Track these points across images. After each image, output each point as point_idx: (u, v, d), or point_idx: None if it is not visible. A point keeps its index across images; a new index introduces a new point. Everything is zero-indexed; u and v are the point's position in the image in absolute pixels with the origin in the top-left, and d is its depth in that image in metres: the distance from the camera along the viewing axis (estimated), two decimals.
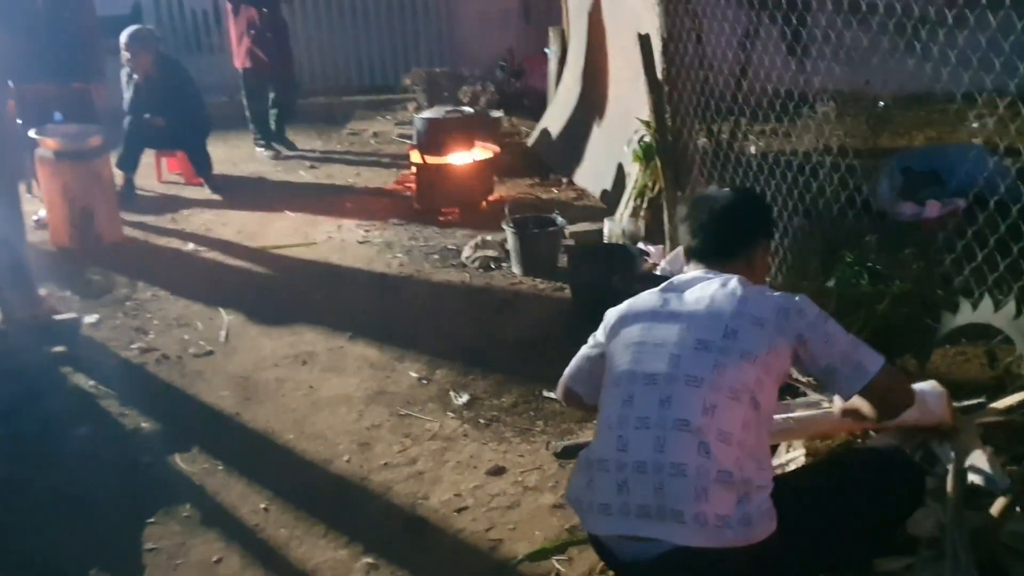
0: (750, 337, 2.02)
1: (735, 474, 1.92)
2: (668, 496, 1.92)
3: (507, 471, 3.12)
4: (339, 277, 5.09)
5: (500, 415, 3.50)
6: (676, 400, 2.00)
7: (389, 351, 4.09)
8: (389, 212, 6.16)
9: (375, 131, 8.67)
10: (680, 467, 1.92)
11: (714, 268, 2.22)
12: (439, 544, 2.78)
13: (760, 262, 2.32)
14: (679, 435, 1.95)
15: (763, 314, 2.04)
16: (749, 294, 2.09)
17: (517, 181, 6.88)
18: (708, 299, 2.11)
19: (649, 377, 2.06)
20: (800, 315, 2.06)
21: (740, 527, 1.90)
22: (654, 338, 2.12)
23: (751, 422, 2.00)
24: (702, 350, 2.03)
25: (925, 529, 2.45)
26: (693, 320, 2.09)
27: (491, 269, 5.07)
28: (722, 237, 2.26)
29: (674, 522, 1.91)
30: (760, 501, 1.94)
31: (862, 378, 2.05)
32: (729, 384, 1.99)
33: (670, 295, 2.20)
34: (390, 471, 3.15)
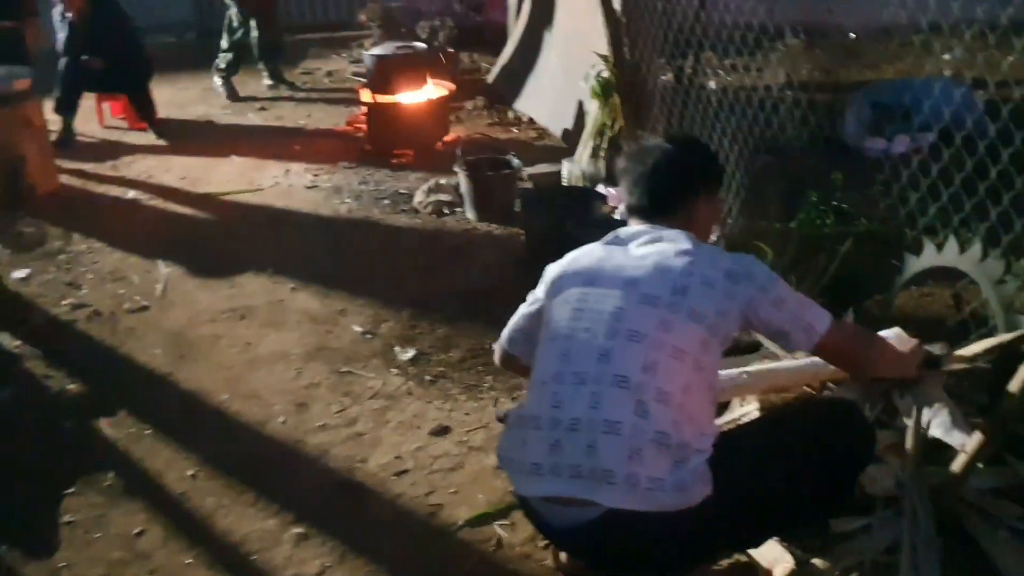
0: (699, 298, 1.93)
1: (672, 436, 1.81)
2: (600, 455, 1.81)
3: (452, 431, 2.96)
4: (284, 225, 4.87)
5: (447, 371, 3.33)
6: (616, 355, 1.88)
7: (333, 303, 3.90)
8: (339, 155, 5.90)
9: (329, 70, 8.35)
10: (615, 425, 1.82)
11: (657, 224, 2.11)
12: (375, 511, 2.62)
13: (704, 215, 2.20)
14: (616, 392, 1.85)
15: (713, 275, 1.96)
16: (699, 253, 2.00)
17: (476, 120, 6.64)
18: (656, 254, 2.01)
19: (589, 332, 1.94)
20: (749, 279, 1.97)
21: (674, 491, 1.80)
22: (596, 292, 2.00)
23: (693, 384, 1.89)
24: (647, 305, 1.92)
25: (883, 487, 2.34)
26: (640, 274, 1.98)
27: (444, 214, 4.86)
28: (659, 192, 2.14)
29: (604, 483, 1.80)
30: (696, 465, 1.82)
31: (812, 337, 1.99)
32: (673, 343, 1.88)
33: (615, 248, 2.10)
34: (327, 433, 2.98)
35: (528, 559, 2.39)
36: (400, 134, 5.79)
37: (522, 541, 2.44)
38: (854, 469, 2.09)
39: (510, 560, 2.39)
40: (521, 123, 6.54)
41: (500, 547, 2.44)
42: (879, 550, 2.24)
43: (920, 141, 4.99)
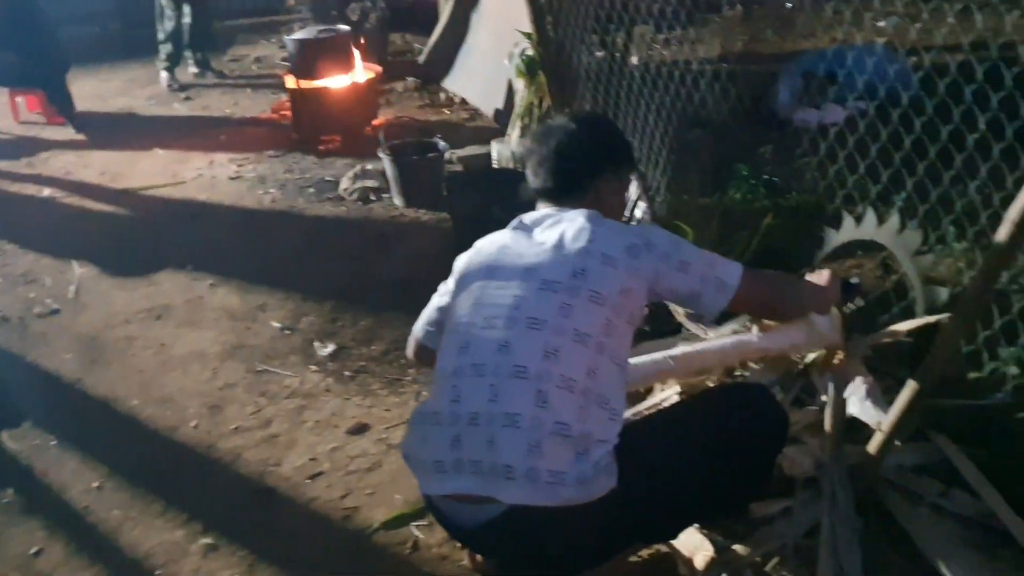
0: (599, 277, 1.85)
1: (573, 426, 1.74)
2: (499, 450, 1.73)
3: (370, 428, 2.87)
4: (206, 218, 4.72)
5: (368, 365, 3.23)
6: (515, 344, 1.81)
7: (253, 299, 3.77)
8: (265, 144, 5.75)
9: (258, 56, 8.16)
10: (514, 418, 1.74)
11: (564, 206, 2.03)
12: (288, 517, 2.52)
13: (611, 196, 2.12)
14: (515, 383, 1.77)
15: (613, 252, 1.88)
16: (599, 231, 1.92)
17: (406, 103, 6.51)
18: (557, 237, 1.93)
19: (488, 321, 1.87)
20: (650, 249, 1.91)
21: (576, 485, 1.71)
22: (498, 281, 1.92)
23: (598, 369, 1.80)
24: (547, 291, 1.85)
25: (802, 468, 2.28)
26: (540, 260, 1.90)
27: (371, 201, 4.74)
28: (563, 174, 2.06)
29: (504, 478, 1.73)
30: (599, 456, 1.75)
31: (727, 292, 1.94)
32: (574, 327, 1.81)
33: (519, 235, 2.01)
34: (241, 436, 2.87)
35: (445, 560, 2.31)
36: (326, 120, 5.64)
37: (439, 542, 2.36)
38: (766, 453, 2.03)
39: (426, 562, 2.31)
40: (453, 104, 6.42)
41: (416, 549, 2.35)
42: (800, 533, 2.19)
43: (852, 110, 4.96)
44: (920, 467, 2.32)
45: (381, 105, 6.27)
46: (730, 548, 2.19)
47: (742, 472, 1.98)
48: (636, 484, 1.79)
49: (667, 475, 1.86)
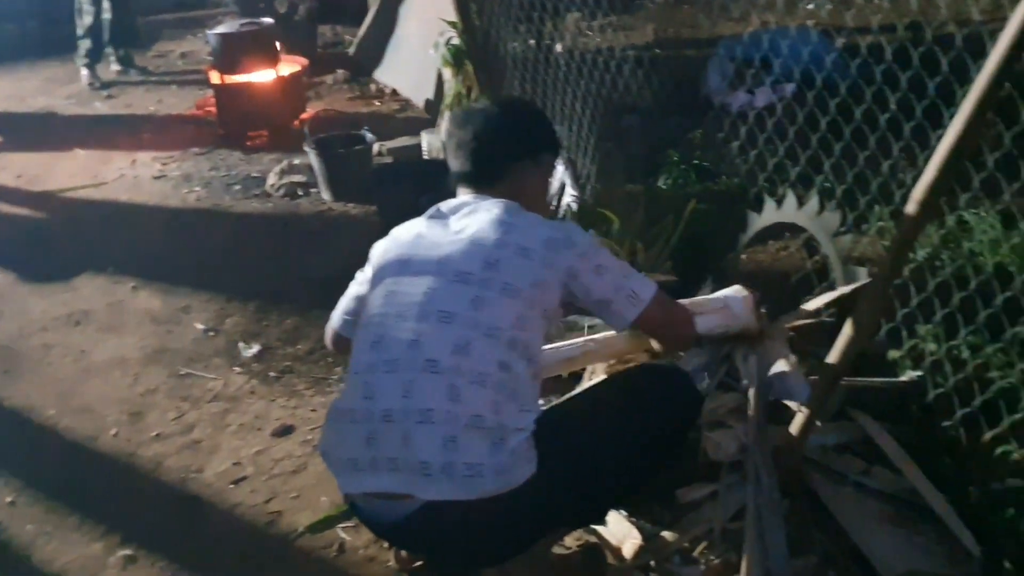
0: (513, 269, 1.82)
1: (488, 418, 1.71)
2: (415, 446, 1.71)
3: (296, 430, 2.81)
4: (128, 219, 4.59)
5: (294, 364, 3.17)
6: (426, 339, 1.78)
7: (176, 301, 3.68)
8: (190, 141, 5.62)
9: (183, 51, 7.96)
10: (427, 413, 1.72)
11: (483, 193, 2.00)
12: (210, 524, 2.46)
13: (532, 183, 2.09)
14: (427, 378, 1.74)
15: (529, 244, 1.85)
16: (516, 222, 1.89)
17: (336, 95, 6.41)
18: (473, 227, 1.90)
19: (400, 315, 1.83)
20: (569, 246, 1.88)
21: (494, 475, 1.69)
22: (411, 273, 1.88)
23: (510, 362, 1.77)
24: (459, 283, 1.82)
25: (727, 452, 2.28)
26: (454, 251, 1.87)
27: (298, 196, 4.66)
28: (482, 159, 2.02)
29: (421, 475, 1.70)
30: (516, 444, 1.72)
31: (636, 306, 1.91)
32: (487, 321, 1.78)
33: (435, 222, 1.97)
34: (162, 443, 2.80)
35: (372, 562, 2.27)
36: (253, 115, 5.53)
37: (366, 543, 2.32)
38: (679, 431, 2.03)
39: (352, 565, 2.26)
40: (384, 95, 6.34)
41: (343, 552, 2.31)
42: (727, 517, 2.20)
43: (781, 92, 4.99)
44: (843, 446, 2.34)
45: (310, 98, 6.16)
46: (658, 535, 2.19)
47: (656, 450, 1.97)
48: (555, 468, 1.76)
49: (585, 456, 1.84)
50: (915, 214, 1.71)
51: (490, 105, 2.14)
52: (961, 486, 2.12)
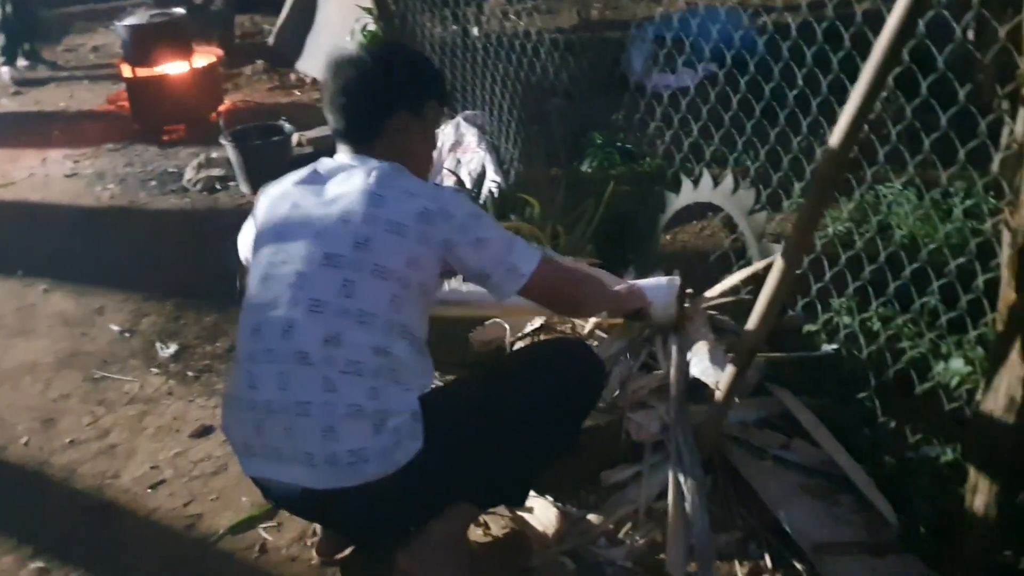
0: (384, 248, 1.73)
1: (366, 405, 1.69)
2: (296, 438, 1.71)
3: (215, 430, 2.73)
4: (39, 219, 4.44)
5: (213, 363, 3.09)
6: (297, 329, 1.72)
7: (90, 302, 3.56)
8: (104, 137, 5.45)
9: (95, 45, 7.73)
10: (304, 406, 1.69)
11: (361, 152, 1.87)
12: (128, 531, 2.38)
13: (415, 138, 1.92)
14: (301, 370, 1.70)
15: (402, 219, 1.75)
16: (388, 194, 1.77)
17: (255, 86, 6.28)
18: (344, 199, 1.78)
19: (274, 303, 1.77)
20: (446, 218, 1.77)
21: (378, 458, 1.69)
22: (283, 252, 1.80)
23: (387, 346, 1.72)
24: (329, 266, 1.73)
25: (649, 432, 2.30)
26: (325, 226, 1.77)
27: (216, 190, 4.55)
28: (355, 115, 1.86)
29: (307, 466, 1.70)
30: (399, 424, 1.71)
31: (517, 280, 1.84)
32: (358, 307, 1.71)
33: (310, 189, 1.84)
34: (76, 449, 2.70)
35: (295, 561, 2.21)
36: (168, 109, 5.38)
37: (288, 542, 2.27)
38: (583, 404, 1.99)
39: (275, 565, 2.21)
40: (304, 84, 6.24)
41: (264, 552, 2.25)
42: (651, 497, 2.21)
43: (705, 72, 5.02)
44: (763, 421, 2.37)
45: (228, 90, 6.03)
46: (583, 518, 2.19)
47: (559, 423, 1.93)
48: (446, 442, 1.75)
49: (479, 429, 1.81)
50: (819, 189, 1.72)
51: (362, 52, 1.94)
52: (877, 456, 2.16)
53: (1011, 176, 1.57)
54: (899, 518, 2.02)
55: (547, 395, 1.86)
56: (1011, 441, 1.63)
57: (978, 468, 1.72)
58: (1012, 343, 1.58)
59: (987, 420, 1.66)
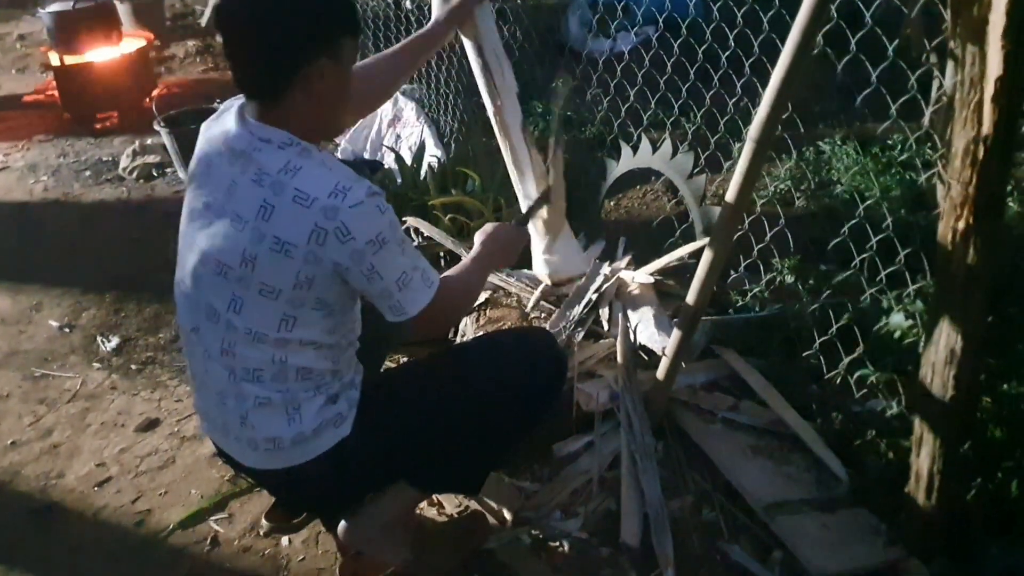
0: (271, 269, 1.56)
1: (274, 397, 1.68)
2: (226, 418, 1.74)
3: (161, 423, 2.69)
4: None
5: (156, 355, 3.03)
6: (202, 331, 1.70)
7: (25, 299, 3.46)
8: (35, 128, 5.30)
9: (21, 32, 7.48)
10: (222, 395, 1.72)
11: (267, 108, 1.57)
12: (75, 532, 2.33)
13: (330, 89, 1.59)
14: (212, 364, 1.71)
15: (290, 238, 1.53)
16: (280, 201, 1.53)
17: (189, 69, 6.14)
18: (234, 194, 1.57)
19: (184, 297, 1.73)
20: (343, 240, 1.53)
21: (298, 446, 1.71)
22: (189, 238, 1.68)
23: (285, 356, 1.65)
24: (220, 276, 1.61)
25: (599, 402, 2.29)
26: (218, 221, 1.60)
27: (153, 178, 4.45)
28: (255, 63, 1.55)
29: (238, 443, 1.75)
30: (315, 414, 1.70)
31: (399, 317, 1.66)
32: (246, 325, 1.62)
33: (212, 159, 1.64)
34: (18, 451, 2.63)
35: (247, 552, 2.19)
36: (98, 96, 5.23)
37: (240, 533, 2.24)
38: (544, 393, 1.92)
39: (228, 558, 2.18)
40: None
41: (216, 545, 2.22)
42: (604, 466, 2.21)
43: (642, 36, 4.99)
44: (711, 384, 2.38)
45: (161, 74, 5.89)
46: (537, 492, 2.19)
47: (516, 413, 1.89)
48: (385, 427, 1.77)
49: (427, 416, 1.80)
50: (753, 152, 1.71)
51: None
52: (825, 413, 2.18)
53: (942, 129, 1.57)
54: (849, 473, 2.04)
55: (506, 385, 1.83)
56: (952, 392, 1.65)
57: (922, 420, 1.73)
58: (950, 296, 1.59)
59: (929, 373, 1.68)
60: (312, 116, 1.60)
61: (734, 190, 1.79)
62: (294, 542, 2.18)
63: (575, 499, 2.17)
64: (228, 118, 1.64)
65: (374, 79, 2.12)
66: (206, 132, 1.72)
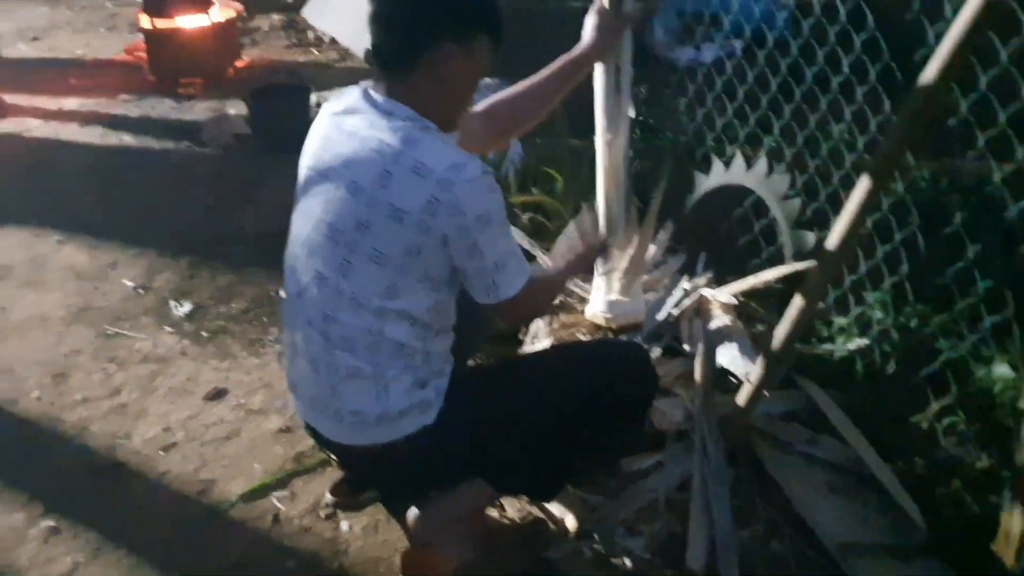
0: (383, 234, 1.61)
1: (364, 369, 1.71)
2: (316, 388, 1.79)
3: (228, 393, 2.70)
4: (55, 169, 4.36)
5: (227, 324, 3.04)
6: (307, 296, 1.75)
7: (103, 256, 3.51)
8: (120, 87, 5.36)
9: None
10: (315, 363, 1.76)
11: (394, 81, 1.64)
12: (138, 494, 2.34)
13: (456, 79, 1.66)
14: (310, 331, 1.75)
15: (404, 206, 1.58)
16: (398, 170, 1.58)
17: (272, 43, 6.18)
18: (358, 163, 1.62)
19: (295, 260, 1.78)
20: (453, 213, 1.57)
21: (382, 424, 1.73)
22: (305, 207, 1.75)
23: (383, 328, 1.68)
24: (332, 241, 1.67)
25: (673, 421, 2.26)
26: (334, 190, 1.65)
27: (232, 147, 4.47)
28: (391, 37, 1.62)
29: (325, 415, 1.80)
30: (402, 395, 1.72)
31: (491, 298, 1.69)
32: (352, 289, 1.67)
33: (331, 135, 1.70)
34: (87, 407, 2.66)
35: (308, 532, 2.19)
36: (185, 61, 5.28)
37: (301, 513, 2.24)
38: (631, 413, 1.94)
39: (288, 536, 2.18)
40: (322, 44, 6.13)
41: (277, 522, 2.22)
42: (672, 487, 2.17)
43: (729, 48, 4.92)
44: (789, 414, 2.32)
45: (245, 45, 5.94)
46: (602, 506, 2.15)
47: (601, 429, 1.89)
48: (467, 421, 1.77)
49: (510, 418, 1.79)
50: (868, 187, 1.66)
51: None
52: (907, 456, 2.12)
53: None
54: (926, 521, 1.98)
55: (594, 397, 1.81)
56: None
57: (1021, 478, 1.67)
58: None
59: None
60: (433, 100, 1.66)
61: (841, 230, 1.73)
62: (354, 528, 2.18)
63: (640, 517, 2.14)
64: (351, 94, 1.72)
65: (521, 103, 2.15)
66: (327, 108, 1.77)
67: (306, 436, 2.03)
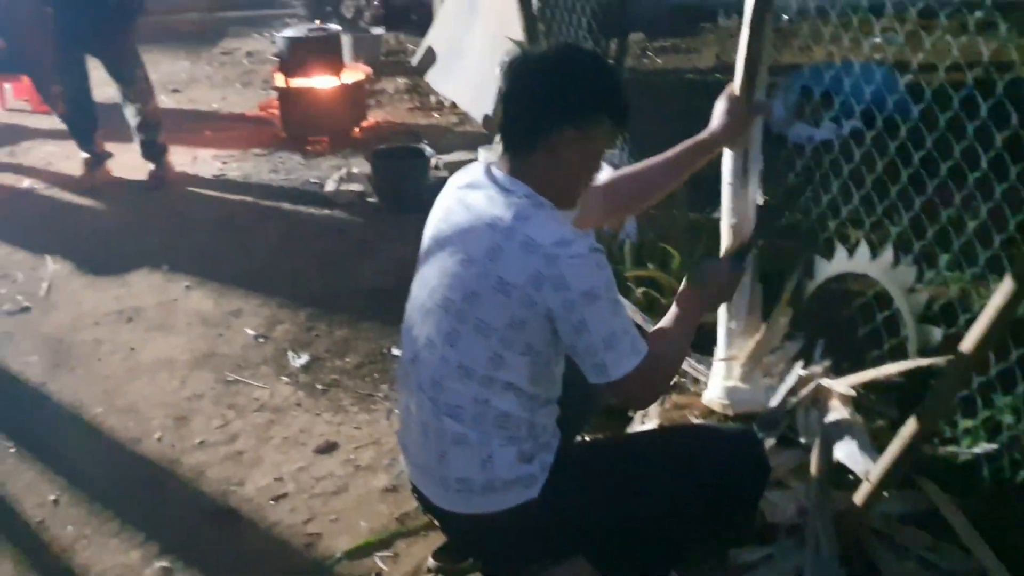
0: (489, 306, 1.65)
1: (471, 437, 1.73)
2: (425, 455, 1.82)
3: (339, 447, 2.76)
4: (186, 217, 4.59)
5: (340, 378, 3.13)
6: (419, 361, 1.81)
7: (228, 303, 3.66)
8: (252, 141, 5.62)
9: (249, 50, 7.99)
10: (424, 428, 1.80)
11: (517, 160, 1.70)
12: (247, 541, 2.41)
13: (573, 160, 1.69)
14: (420, 396, 1.80)
15: (513, 279, 1.61)
16: (509, 245, 1.62)
17: (396, 105, 6.39)
18: (474, 237, 1.67)
19: (409, 325, 1.86)
20: (558, 288, 1.59)
21: (487, 494, 1.75)
22: (425, 271, 1.82)
23: (488, 398, 1.71)
24: (442, 310, 1.74)
25: (785, 515, 2.20)
26: (448, 265, 1.72)
27: (355, 205, 4.62)
28: (515, 120, 1.69)
29: (431, 481, 1.83)
30: (506, 467, 1.73)
31: (600, 378, 1.67)
32: (458, 358, 1.72)
33: (453, 207, 1.77)
34: (205, 451, 2.76)
35: None
36: (314, 120, 5.52)
37: (404, 574, 2.26)
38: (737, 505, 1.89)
39: None
40: (443, 108, 6.31)
41: None
42: None
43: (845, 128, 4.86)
44: (908, 516, 2.23)
45: (371, 106, 6.16)
46: None
47: (707, 518, 1.86)
48: (572, 499, 1.76)
49: (616, 499, 1.78)
50: (1011, 291, 1.61)
51: (543, 52, 1.78)
52: None
53: None
54: None
55: (704, 484, 1.78)
56: None
57: None
58: None
59: None
60: (552, 179, 1.71)
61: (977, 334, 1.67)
62: None
63: None
64: (474, 169, 1.80)
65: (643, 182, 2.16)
66: (452, 181, 1.86)
67: (411, 497, 2.06)
